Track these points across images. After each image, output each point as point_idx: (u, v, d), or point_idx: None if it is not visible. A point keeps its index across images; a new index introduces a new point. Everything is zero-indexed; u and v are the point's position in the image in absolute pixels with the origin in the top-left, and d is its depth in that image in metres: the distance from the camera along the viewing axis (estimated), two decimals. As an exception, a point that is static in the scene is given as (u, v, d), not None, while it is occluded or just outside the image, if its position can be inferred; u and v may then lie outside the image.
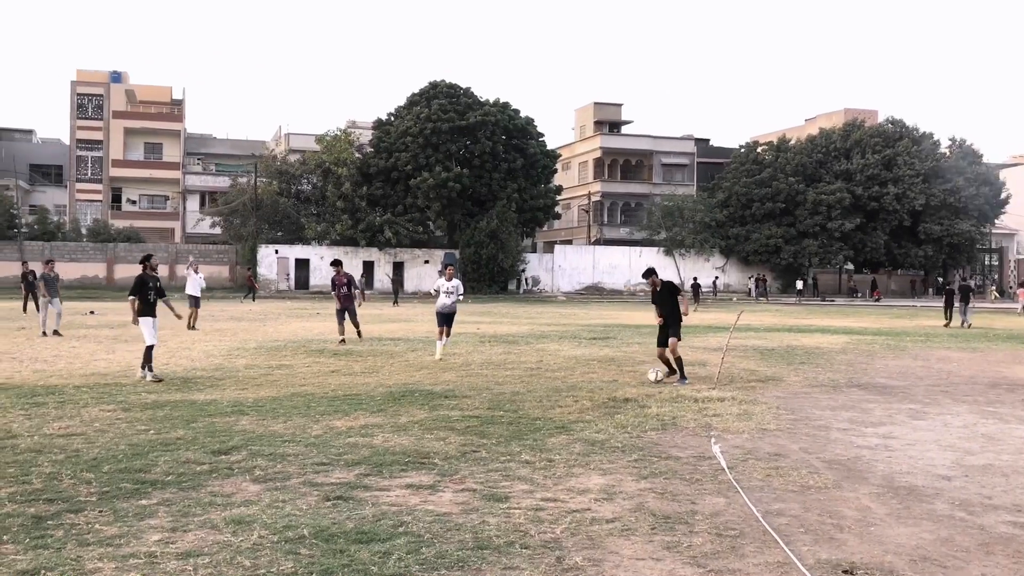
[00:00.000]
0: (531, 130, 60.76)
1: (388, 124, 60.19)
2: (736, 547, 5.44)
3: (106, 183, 69.95)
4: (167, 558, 5.05)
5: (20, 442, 8.30)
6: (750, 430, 9.50)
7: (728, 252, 67.36)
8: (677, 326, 13.66)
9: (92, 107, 70.14)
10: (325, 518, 5.87)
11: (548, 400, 11.40)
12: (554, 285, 65.04)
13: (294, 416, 9.97)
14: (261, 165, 62.30)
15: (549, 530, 5.72)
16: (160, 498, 6.36)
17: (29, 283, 31.36)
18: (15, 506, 6.08)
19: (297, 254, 59.42)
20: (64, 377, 13.32)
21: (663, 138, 77.18)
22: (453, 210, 58.70)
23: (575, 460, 7.84)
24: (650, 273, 14.08)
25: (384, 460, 7.67)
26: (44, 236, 59.76)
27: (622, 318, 33.85)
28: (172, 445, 8.24)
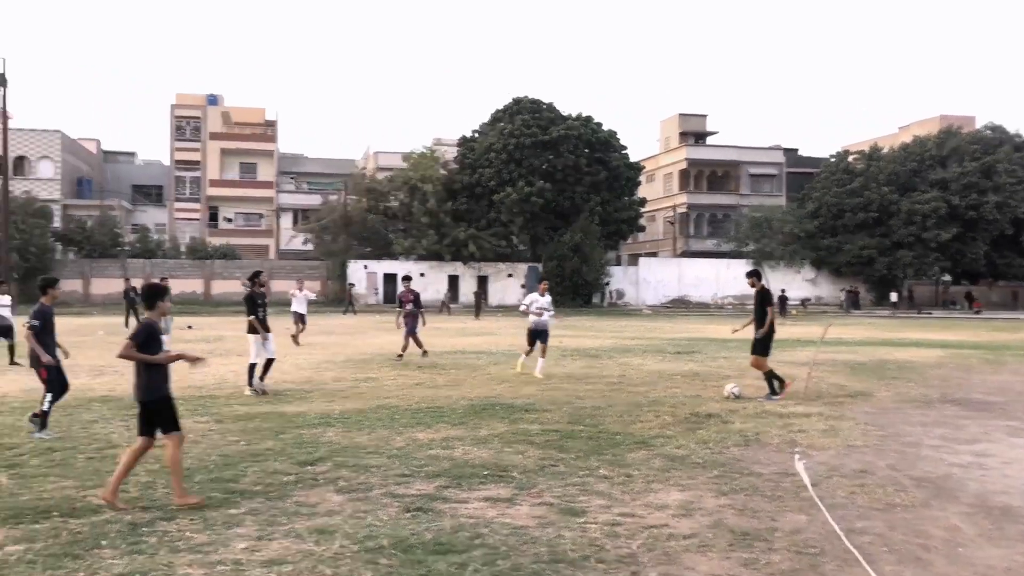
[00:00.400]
0: (614, 143, 60.59)
1: (472, 140, 60.90)
2: (816, 565, 5.36)
3: (203, 202, 72.49)
4: (252, 565, 5.24)
5: (120, 451, 8.68)
6: (836, 446, 9.30)
7: (819, 264, 65.79)
8: (759, 339, 13.33)
9: (190, 129, 72.86)
10: (404, 529, 5.99)
11: (629, 415, 11.36)
12: (639, 298, 64.57)
13: (378, 428, 10.19)
14: (351, 183, 63.69)
15: (625, 545, 5.73)
16: (248, 507, 6.60)
17: (131, 299, 32.82)
18: (113, 513, 6.38)
19: (385, 269, 60.45)
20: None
21: (750, 148, 76.03)
22: (536, 224, 58.91)
23: (654, 475, 7.81)
24: (751, 274, 13.82)
25: (463, 472, 7.78)
26: (145, 254, 62.19)
27: (708, 331, 33.41)
28: (261, 456, 8.52)
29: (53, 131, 66.72)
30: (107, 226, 61.89)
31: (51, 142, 66.39)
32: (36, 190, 62.24)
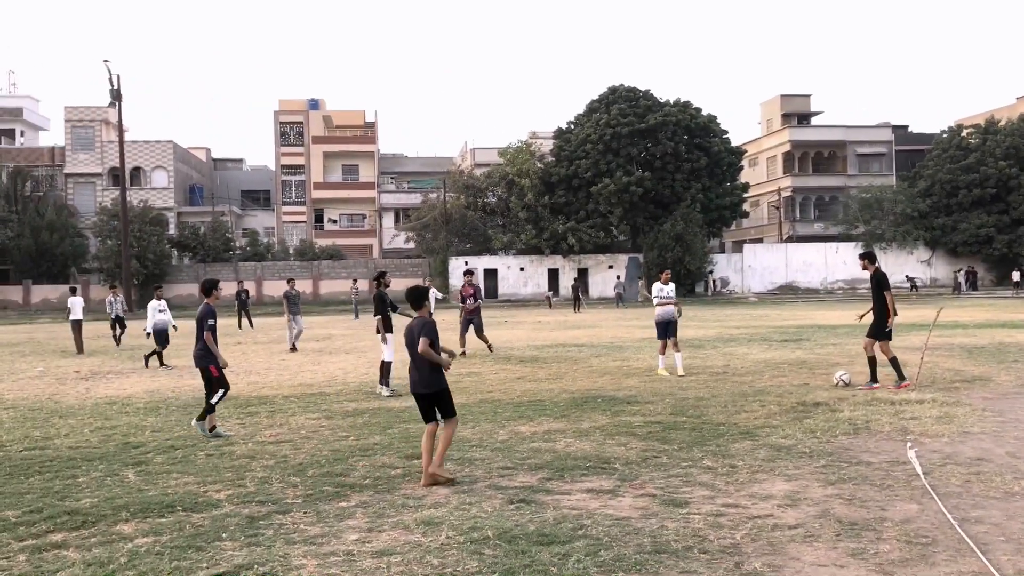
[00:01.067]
0: (714, 127, 59.58)
1: (568, 132, 60.80)
2: (927, 555, 5.22)
3: (309, 205, 74.58)
4: (363, 556, 5.44)
5: (236, 449, 9.11)
6: (951, 433, 9.00)
7: (933, 244, 63.25)
8: (876, 324, 12.76)
9: (293, 134, 75.03)
10: (508, 520, 6.11)
11: (733, 405, 11.23)
12: (744, 286, 63.38)
13: (482, 422, 10.36)
14: (449, 180, 64.50)
15: (728, 535, 5.70)
16: (358, 500, 6.83)
17: (242, 301, 34.03)
18: (232, 507, 6.71)
19: (486, 264, 60.99)
20: (274, 388, 14.40)
21: (857, 127, 73.61)
22: (636, 214, 58.45)
23: (759, 466, 7.72)
24: (865, 256, 13.35)
25: (566, 465, 7.86)
26: (255, 257, 64.46)
27: (816, 318, 32.57)
28: (370, 450, 8.79)
29: (166, 142, 69.72)
30: (219, 231, 64.37)
31: (164, 152, 69.38)
32: (152, 199, 65.16)
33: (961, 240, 61.31)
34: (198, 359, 10.15)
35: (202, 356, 10.09)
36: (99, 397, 13.80)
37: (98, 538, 5.97)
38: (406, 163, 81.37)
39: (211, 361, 10.07)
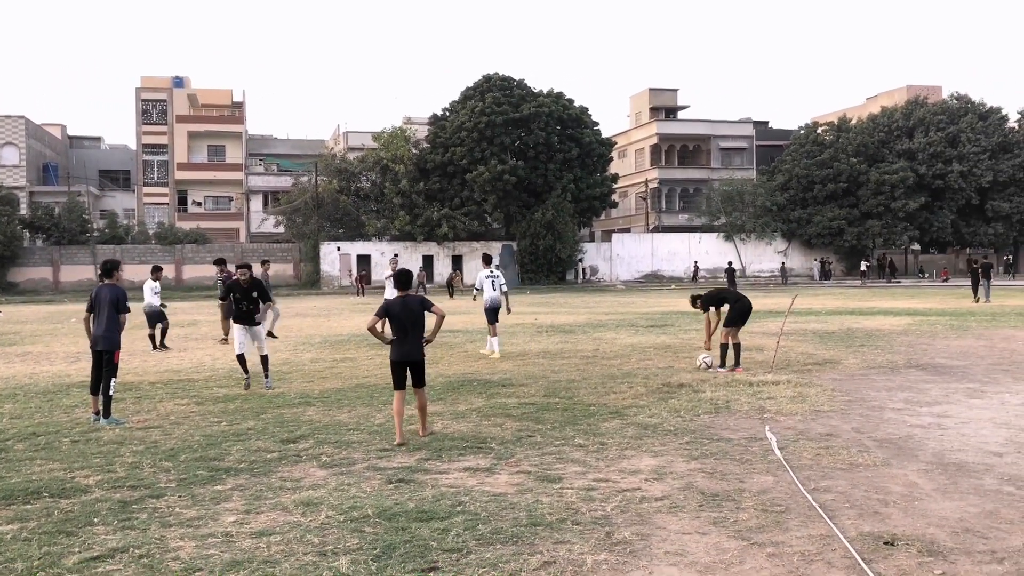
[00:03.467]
0: (586, 119, 60.70)
1: (443, 119, 60.72)
2: (781, 522, 5.64)
3: (172, 186, 71.85)
4: (242, 537, 5.44)
5: (103, 435, 8.84)
6: (803, 412, 9.62)
7: (790, 236, 66.47)
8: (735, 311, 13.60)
9: (156, 112, 72.07)
10: (388, 499, 6.21)
11: (603, 387, 11.63)
12: (612, 274, 64.99)
13: (358, 406, 10.38)
14: (321, 164, 63.36)
15: (600, 508, 5.98)
16: (234, 483, 6.78)
17: None
18: (102, 492, 6.55)
19: (359, 250, 60.29)
20: (139, 375, 13.95)
21: (721, 122, 76.41)
22: (509, 202, 58.99)
23: (627, 443, 8.07)
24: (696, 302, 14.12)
25: (443, 445, 8.01)
26: (114, 240, 61.63)
27: (681, 306, 33.74)
28: (244, 435, 8.69)
29: (17, 117, 65.84)
30: (75, 212, 61.23)
31: (15, 128, 65.50)
32: (1, 177, 61.39)
33: (815, 232, 64.64)
34: (105, 340, 9.67)
35: (110, 339, 9.70)
36: (-53, 384, 13.04)
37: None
38: (276, 145, 79.40)
39: (118, 346, 9.83)
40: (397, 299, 8.39)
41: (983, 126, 63.70)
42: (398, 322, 8.26)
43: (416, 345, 8.32)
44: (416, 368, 8.38)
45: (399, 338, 8.28)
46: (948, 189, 62.94)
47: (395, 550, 5.12)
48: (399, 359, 8.32)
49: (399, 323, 8.25)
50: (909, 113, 65.76)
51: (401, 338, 8.28)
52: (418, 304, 8.34)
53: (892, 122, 65.91)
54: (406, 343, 8.29)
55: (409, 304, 8.30)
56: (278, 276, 61.69)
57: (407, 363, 8.33)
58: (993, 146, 62.88)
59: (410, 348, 8.30)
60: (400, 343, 8.30)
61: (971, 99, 66.75)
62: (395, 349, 8.34)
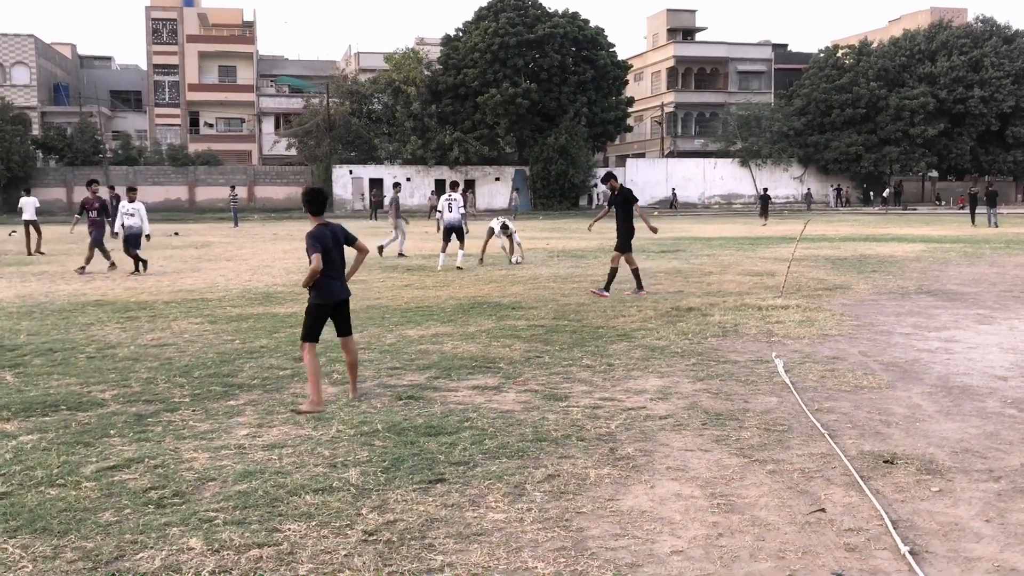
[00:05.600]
0: (601, 40, 59.63)
1: (456, 40, 59.75)
2: (783, 440, 5.73)
3: (183, 107, 71.37)
4: (255, 449, 5.58)
5: (119, 351, 8.99)
6: (811, 336, 9.67)
7: (806, 161, 65.77)
8: (623, 239, 13.51)
9: (167, 32, 71.17)
10: (397, 415, 6.34)
11: (612, 310, 11.69)
12: (626, 199, 64.52)
13: (369, 326, 10.49)
14: (332, 86, 62.68)
15: (604, 425, 6.08)
16: (247, 399, 6.92)
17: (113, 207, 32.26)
18: (118, 406, 6.69)
19: (371, 174, 60.06)
20: (153, 294, 14.10)
21: (739, 44, 74.98)
22: (522, 126, 58.41)
23: (634, 364, 8.16)
24: (608, 177, 14.04)
25: (453, 365, 8.12)
26: (127, 161, 61.57)
27: (694, 231, 33.69)
28: (256, 353, 8.83)
29: (26, 36, 65.17)
30: (87, 133, 61.05)
31: (25, 47, 64.90)
32: (11, 97, 61.09)
33: (832, 158, 63.92)
34: None
35: None
36: (-35, 302, 13.22)
37: (-21, 437, 5.89)
38: (287, 66, 78.45)
39: None
40: (323, 228, 6.85)
41: (1007, 50, 62.31)
42: (329, 256, 6.78)
43: (344, 283, 7.02)
44: (344, 310, 7.06)
45: (329, 275, 6.80)
46: (968, 115, 61.91)
47: (403, 462, 5.24)
48: (330, 300, 6.87)
49: (329, 257, 6.79)
50: (932, 36, 64.29)
51: (332, 274, 6.84)
52: (343, 234, 6.98)
53: (914, 46, 64.49)
54: (337, 280, 6.91)
55: (336, 233, 6.92)
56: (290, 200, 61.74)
57: (337, 304, 6.96)
58: (1016, 71, 61.59)
59: (341, 286, 6.96)
60: (331, 280, 6.85)
61: (996, 22, 65.17)
62: (325, 288, 6.81)
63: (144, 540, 4.15)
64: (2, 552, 4.04)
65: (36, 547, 4.09)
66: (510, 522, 4.37)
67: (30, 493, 4.78)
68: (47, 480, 4.99)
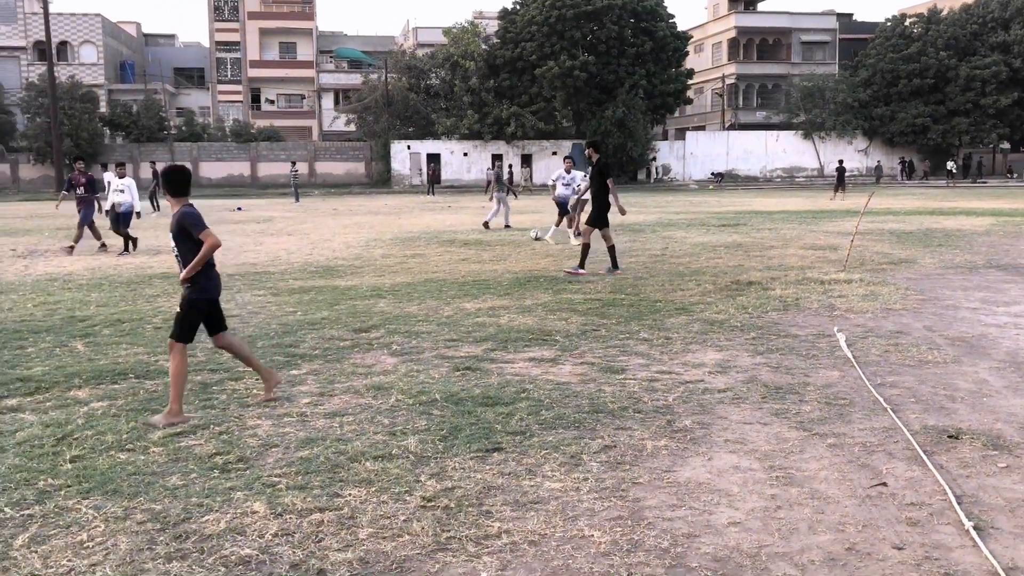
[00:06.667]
0: (660, 11, 58.75)
1: (514, 14, 59.40)
2: (844, 415, 5.64)
3: (245, 84, 72.32)
4: (316, 417, 5.69)
5: (185, 322, 9.20)
6: (874, 310, 9.48)
7: (872, 134, 64.15)
8: (597, 211, 12.77)
9: (228, 9, 72.06)
10: (455, 385, 6.39)
11: (670, 284, 11.61)
12: (685, 173, 63.88)
13: (427, 299, 10.58)
14: (391, 61, 62.90)
15: (662, 398, 6.06)
16: (309, 368, 7.05)
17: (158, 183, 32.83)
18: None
19: (429, 149, 60.24)
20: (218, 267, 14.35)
21: (802, 14, 73.23)
22: (579, 99, 57.95)
23: (692, 338, 8.10)
24: (590, 144, 13.41)
25: (509, 337, 8.15)
26: (191, 138, 62.70)
27: (755, 205, 33.20)
28: (318, 324, 8.97)
29: (94, 15, 66.55)
30: (153, 110, 62.26)
31: (92, 26, 66.29)
32: (80, 75, 62.54)
33: (898, 130, 62.26)
34: None
35: None
36: (39, 274, 13.66)
37: (53, 402, 6.11)
38: (346, 42, 78.86)
39: None
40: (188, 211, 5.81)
41: (1087, 16, 59.84)
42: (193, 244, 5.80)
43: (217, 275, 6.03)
44: (218, 304, 6.08)
45: (211, 263, 5.91)
46: (1044, 84, 59.70)
47: (461, 431, 5.30)
48: (216, 293, 5.98)
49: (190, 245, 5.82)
50: (1006, 3, 61.96)
51: (212, 263, 5.93)
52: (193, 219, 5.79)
53: (987, 12, 62.23)
54: (216, 272, 6.00)
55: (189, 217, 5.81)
56: (349, 175, 62.33)
57: (214, 300, 5.99)
58: (1096, 38, 59.16)
59: (218, 277, 6.05)
60: (214, 270, 5.97)
61: (1076, -13, 62.51)
62: (213, 279, 5.93)
63: (209, 503, 4.27)
64: (76, 512, 4.19)
65: (108, 508, 4.23)
66: (566, 491, 4.39)
67: (101, 457, 4.95)
68: (117, 445, 5.16)
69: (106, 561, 3.69)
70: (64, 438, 5.28)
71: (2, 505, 4.29)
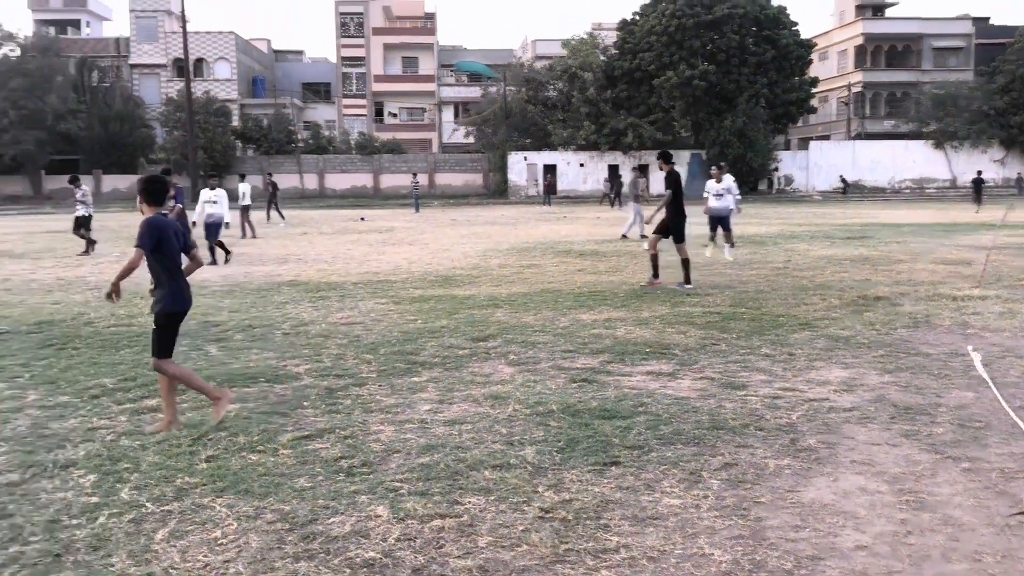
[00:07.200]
0: (783, 19, 57.43)
1: (632, 24, 59.18)
2: (979, 438, 5.38)
3: (369, 98, 74.34)
4: (436, 424, 5.80)
5: (311, 328, 9.54)
6: (1012, 328, 9.01)
7: (1009, 143, 60.88)
8: (674, 226, 12.41)
9: (354, 26, 74.25)
10: (572, 397, 6.41)
11: (793, 298, 11.31)
12: (808, 184, 62.08)
13: (543, 310, 10.63)
14: (509, 74, 63.56)
15: (785, 416, 5.92)
16: (428, 376, 7.19)
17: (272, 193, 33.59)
18: (311, 379, 7.12)
19: (545, 160, 60.53)
20: (342, 275, 14.83)
21: (935, 19, 70.28)
22: (698, 109, 57.17)
23: (817, 355, 7.87)
24: (660, 156, 12.99)
25: (626, 349, 8.11)
26: (318, 150, 64.86)
27: (882, 217, 32.02)
28: (437, 333, 9.14)
29: (227, 33, 69.65)
30: (282, 124, 64.71)
31: (226, 44, 69.41)
32: (215, 90, 65.55)
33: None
34: None
35: None
36: (176, 281, 14.36)
37: (189, 403, 6.42)
38: (466, 56, 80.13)
39: None
40: (164, 219, 5.80)
41: None
42: (172, 256, 5.76)
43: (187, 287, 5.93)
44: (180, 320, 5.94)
45: (176, 277, 5.78)
46: None
47: (578, 444, 5.30)
48: (186, 307, 5.87)
49: (173, 254, 5.76)
50: None
51: (179, 276, 5.81)
52: (181, 236, 5.89)
53: None
54: (184, 283, 5.87)
55: (177, 232, 5.83)
56: (467, 186, 63.24)
57: (183, 313, 5.88)
58: None
59: (188, 290, 5.92)
60: (181, 283, 5.83)
61: None
62: (180, 294, 5.80)
63: (335, 506, 4.41)
64: (211, 510, 4.40)
65: (240, 507, 4.43)
66: (686, 508, 4.34)
67: (234, 457, 5.18)
68: (248, 446, 5.38)
69: (239, 558, 3.86)
70: (199, 438, 5.54)
71: (144, 500, 4.54)
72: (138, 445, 5.44)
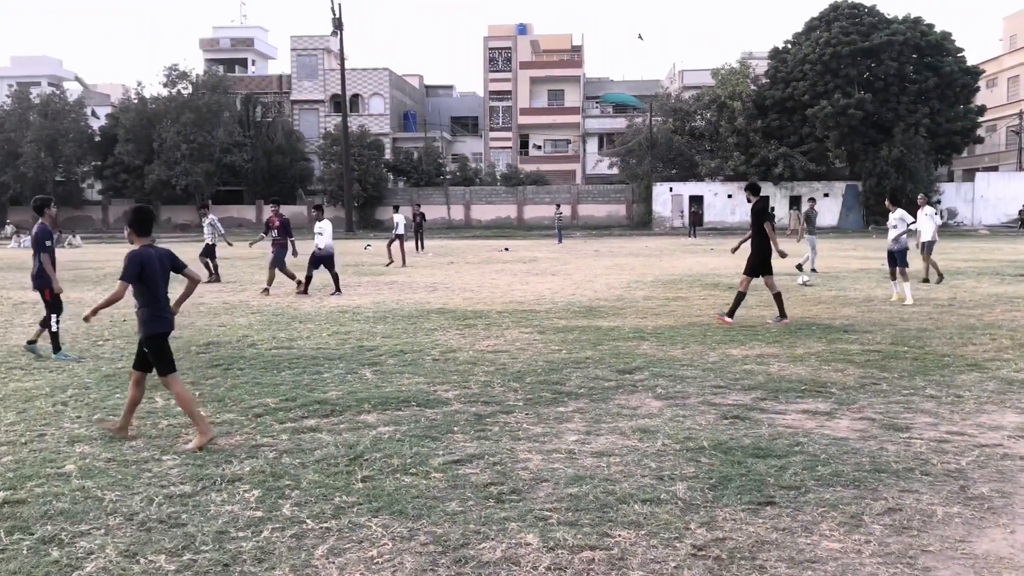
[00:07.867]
0: (947, 45, 54.81)
1: (784, 53, 57.87)
2: None
3: (515, 131, 75.59)
4: (584, 455, 5.77)
5: (459, 355, 9.71)
6: None
7: None
8: (758, 258, 12.14)
9: (501, 60, 75.87)
10: (723, 433, 6.25)
11: (960, 337, 10.70)
12: (975, 218, 58.69)
13: (691, 343, 10.45)
14: (655, 104, 63.32)
15: (953, 461, 5.58)
16: (575, 407, 7.18)
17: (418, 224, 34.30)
18: (460, 405, 7.24)
19: (691, 191, 59.79)
20: (488, 304, 15.05)
21: (1118, 42, 65.47)
22: (853, 139, 55.14)
23: (988, 397, 7.41)
24: (748, 187, 12.48)
25: (780, 387, 7.86)
26: (465, 182, 66.42)
27: (1057, 253, 29.88)
28: (582, 363, 9.13)
29: (382, 69, 72.45)
30: (431, 156, 66.67)
31: (380, 80, 72.18)
32: (369, 124, 68.21)
33: None
34: (35, 280, 9.95)
35: (39, 277, 9.88)
36: (332, 307, 14.97)
37: (346, 424, 6.65)
38: (611, 87, 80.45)
39: (47, 284, 9.82)
40: (148, 250, 6.19)
41: None
42: (154, 283, 6.16)
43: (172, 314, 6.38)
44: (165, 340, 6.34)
45: (155, 307, 6.20)
46: None
47: (731, 482, 5.16)
48: (167, 328, 6.28)
49: (155, 284, 6.18)
50: None
51: (159, 306, 6.22)
52: (169, 260, 6.33)
53: None
54: (165, 311, 6.28)
55: (163, 259, 6.27)
56: (610, 216, 63.17)
57: (168, 334, 6.31)
58: None
59: (171, 316, 6.37)
60: (162, 310, 6.24)
61: None
62: (159, 318, 6.21)
63: (486, 531, 4.46)
64: (367, 529, 4.53)
65: (394, 527, 4.54)
66: (846, 552, 4.15)
67: (388, 479, 5.32)
68: (401, 468, 5.52)
69: (394, 577, 3.94)
70: (356, 459, 5.72)
71: (304, 516, 4.72)
72: (298, 463, 5.67)
